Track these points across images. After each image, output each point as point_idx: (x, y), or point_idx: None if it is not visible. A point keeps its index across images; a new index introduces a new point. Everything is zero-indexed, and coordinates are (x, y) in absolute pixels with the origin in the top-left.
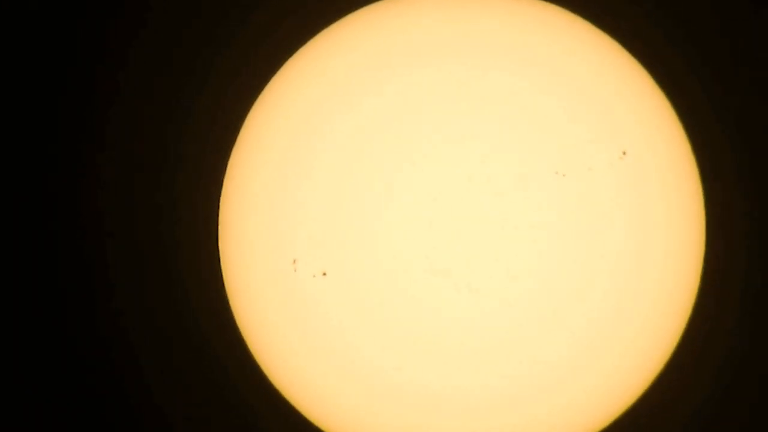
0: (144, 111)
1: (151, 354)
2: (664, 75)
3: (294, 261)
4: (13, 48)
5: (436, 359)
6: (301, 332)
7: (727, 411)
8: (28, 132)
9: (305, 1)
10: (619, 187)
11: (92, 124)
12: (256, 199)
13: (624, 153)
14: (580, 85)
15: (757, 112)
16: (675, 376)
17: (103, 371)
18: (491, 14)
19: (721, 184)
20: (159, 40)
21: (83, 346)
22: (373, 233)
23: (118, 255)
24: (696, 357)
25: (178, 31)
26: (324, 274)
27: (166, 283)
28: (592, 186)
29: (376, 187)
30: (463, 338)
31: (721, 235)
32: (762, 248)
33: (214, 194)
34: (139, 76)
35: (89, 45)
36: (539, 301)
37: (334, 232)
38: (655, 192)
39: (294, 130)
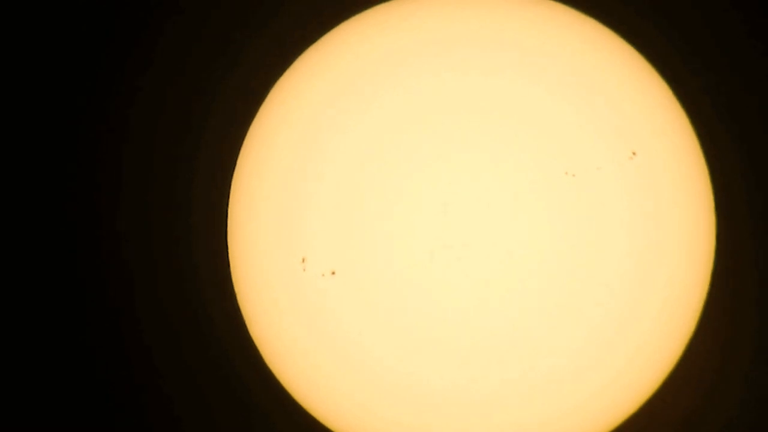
0: (154, 108)
1: (158, 351)
2: (674, 76)
3: (303, 260)
4: (23, 43)
5: (446, 358)
6: (310, 331)
7: (736, 413)
8: (39, 129)
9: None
10: (628, 187)
11: (101, 121)
12: (265, 197)
13: (634, 153)
14: (590, 86)
15: None
16: (684, 377)
17: (111, 369)
18: (501, 14)
19: (731, 184)
20: (168, 39)
21: (92, 343)
22: (382, 232)
23: (128, 252)
24: (706, 357)
25: (189, 32)
26: (333, 273)
27: (175, 281)
28: (602, 186)
29: (386, 186)
30: (473, 338)
31: (732, 235)
32: None
33: (223, 192)
34: (149, 75)
35: (97, 44)
36: (548, 300)
37: (344, 231)
38: (664, 192)
39: (304, 129)
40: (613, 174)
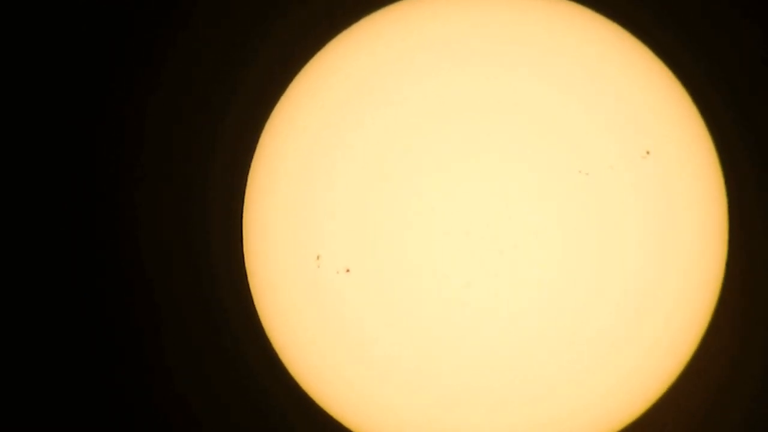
0: (168, 109)
1: (172, 350)
2: (688, 74)
3: (317, 257)
4: (40, 46)
5: (460, 357)
6: (324, 328)
7: (749, 413)
8: (54, 130)
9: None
10: (642, 186)
11: (116, 121)
12: (281, 194)
13: (647, 152)
14: (604, 84)
15: None
16: (696, 376)
17: (122, 367)
18: (515, 13)
19: (745, 182)
20: (181, 40)
21: (100, 343)
22: (397, 230)
23: (144, 252)
24: (719, 356)
25: (202, 33)
26: (347, 270)
27: (191, 278)
28: (615, 185)
29: (399, 184)
30: (486, 336)
31: (744, 235)
32: None
33: (238, 191)
34: (163, 75)
35: (109, 42)
36: (560, 300)
37: (358, 229)
38: (677, 191)
39: (318, 127)
40: (627, 173)
